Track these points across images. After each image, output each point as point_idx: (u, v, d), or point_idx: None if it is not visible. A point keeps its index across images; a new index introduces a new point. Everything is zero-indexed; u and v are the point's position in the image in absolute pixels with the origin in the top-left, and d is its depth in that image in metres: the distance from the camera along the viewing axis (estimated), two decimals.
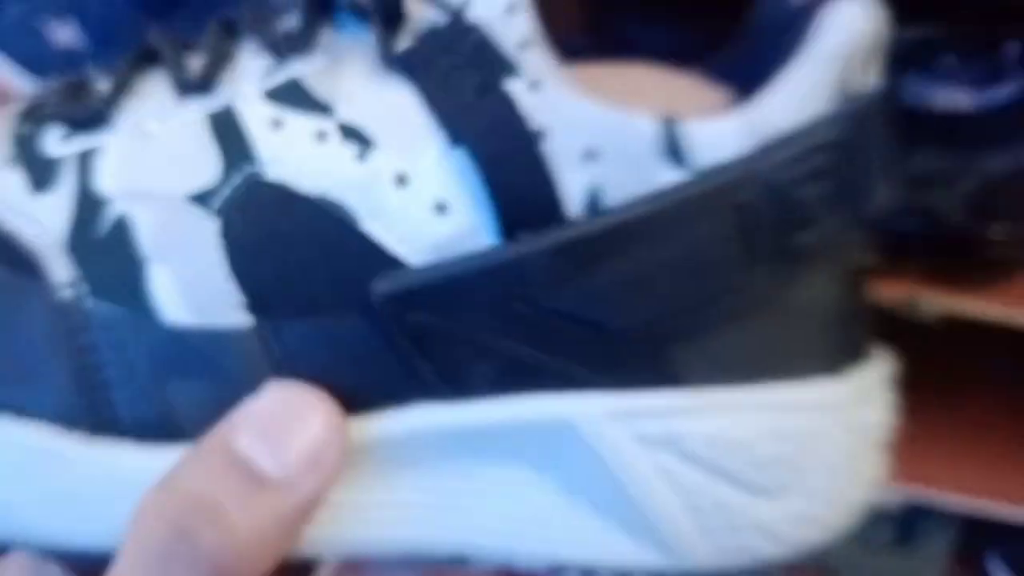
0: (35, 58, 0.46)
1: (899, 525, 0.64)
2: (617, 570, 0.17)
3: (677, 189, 0.14)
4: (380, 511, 0.16)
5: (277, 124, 0.15)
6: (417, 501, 0.16)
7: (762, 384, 0.16)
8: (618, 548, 0.17)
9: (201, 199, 0.14)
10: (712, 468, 0.16)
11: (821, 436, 0.17)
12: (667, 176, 0.14)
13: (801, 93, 0.15)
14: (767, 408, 0.16)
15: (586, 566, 0.17)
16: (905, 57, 0.35)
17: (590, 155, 0.14)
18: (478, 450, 0.16)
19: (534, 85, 0.14)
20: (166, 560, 0.13)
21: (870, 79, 0.16)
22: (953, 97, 0.38)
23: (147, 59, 0.16)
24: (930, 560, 0.65)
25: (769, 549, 0.17)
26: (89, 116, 0.15)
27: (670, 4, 0.41)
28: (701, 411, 0.16)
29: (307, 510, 0.14)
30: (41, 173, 0.15)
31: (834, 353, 0.17)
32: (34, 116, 0.16)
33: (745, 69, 0.18)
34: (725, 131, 0.15)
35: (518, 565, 0.17)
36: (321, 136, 0.14)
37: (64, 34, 0.43)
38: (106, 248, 0.14)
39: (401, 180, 0.14)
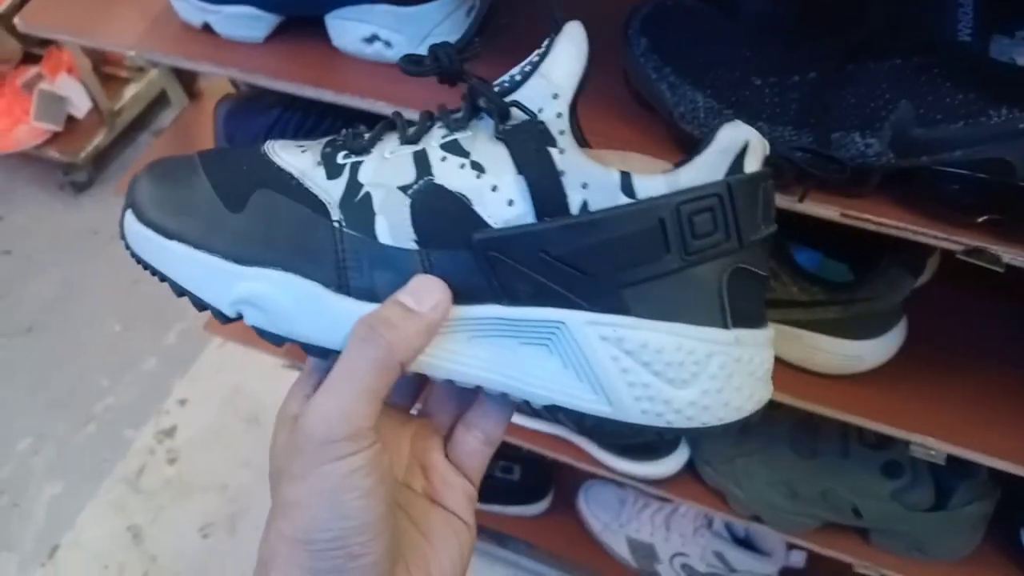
0: None
1: (937, 490, 0.66)
2: (583, 411, 0.31)
3: (626, 205, 0.29)
4: (458, 357, 0.31)
5: (444, 159, 0.31)
6: (479, 355, 0.31)
7: (673, 321, 0.30)
8: (585, 398, 0.31)
9: (403, 189, 0.31)
10: (640, 360, 0.30)
11: (712, 357, 0.30)
12: (623, 200, 0.29)
13: (705, 167, 0.30)
14: (674, 333, 0.30)
15: (562, 406, 0.31)
16: (996, 19, 0.37)
17: (584, 185, 0.29)
18: (515, 334, 0.31)
19: (562, 151, 0.29)
20: (364, 341, 0.29)
21: (754, 166, 0.30)
22: None
23: (388, 126, 0.33)
24: (964, 527, 0.66)
25: (675, 419, 0.31)
26: (361, 148, 0.32)
27: None
28: (637, 328, 0.30)
29: (430, 333, 0.30)
30: (333, 170, 0.32)
31: (721, 314, 0.31)
32: (332, 145, 0.33)
33: None
34: (657, 184, 0.29)
35: (528, 400, 0.31)
36: (463, 166, 0.31)
37: None
38: (358, 207, 0.31)
39: (494, 188, 0.30)
